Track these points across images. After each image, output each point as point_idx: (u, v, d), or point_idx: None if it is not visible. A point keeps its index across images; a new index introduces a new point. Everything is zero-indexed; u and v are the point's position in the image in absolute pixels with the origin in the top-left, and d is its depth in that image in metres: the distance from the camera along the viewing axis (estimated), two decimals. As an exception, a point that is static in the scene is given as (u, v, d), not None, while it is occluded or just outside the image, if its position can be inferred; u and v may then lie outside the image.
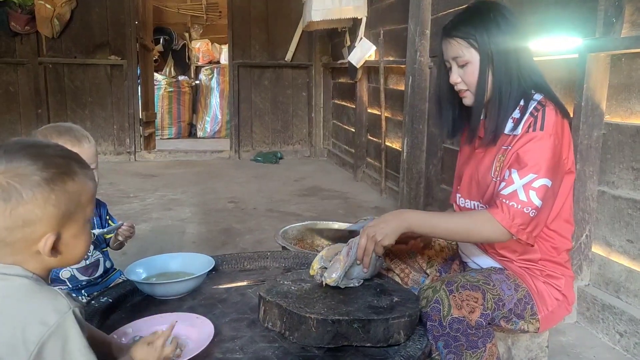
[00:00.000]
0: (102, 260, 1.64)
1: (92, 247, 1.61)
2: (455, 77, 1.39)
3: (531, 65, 1.39)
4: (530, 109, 1.33)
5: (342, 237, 1.48)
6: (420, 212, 1.47)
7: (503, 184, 1.30)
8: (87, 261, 1.59)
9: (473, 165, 1.49)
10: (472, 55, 1.35)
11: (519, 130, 1.33)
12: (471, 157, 1.51)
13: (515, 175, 1.28)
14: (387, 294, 1.28)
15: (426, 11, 3.45)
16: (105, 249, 1.68)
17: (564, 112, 1.35)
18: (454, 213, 1.49)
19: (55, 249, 0.85)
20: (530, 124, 1.31)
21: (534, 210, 1.25)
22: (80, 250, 0.90)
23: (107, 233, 1.66)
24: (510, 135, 1.36)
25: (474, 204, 1.48)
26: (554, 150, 1.28)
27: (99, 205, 1.71)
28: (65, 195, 0.84)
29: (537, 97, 1.35)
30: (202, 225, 3.57)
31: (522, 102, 1.35)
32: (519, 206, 1.25)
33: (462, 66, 1.37)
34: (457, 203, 1.54)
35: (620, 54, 2.00)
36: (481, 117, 1.45)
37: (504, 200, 1.27)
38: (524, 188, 1.26)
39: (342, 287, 1.28)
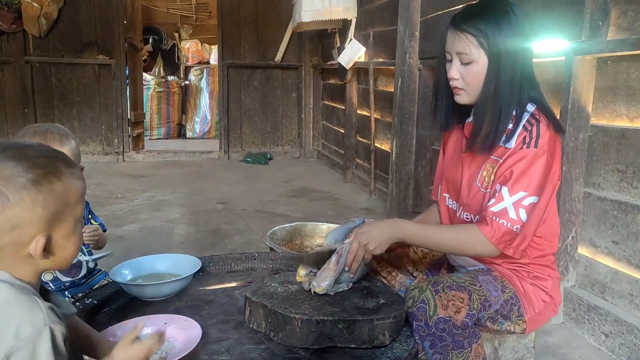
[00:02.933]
0: (84, 260, 1.62)
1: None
2: (454, 72, 1.33)
3: (531, 73, 1.34)
4: (524, 121, 1.29)
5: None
6: (413, 223, 1.42)
7: (493, 200, 1.28)
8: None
9: (460, 168, 1.47)
10: (479, 56, 1.28)
11: (512, 143, 1.30)
12: (457, 159, 1.49)
13: (505, 192, 1.27)
14: (374, 296, 1.28)
15: (415, 13, 3.46)
16: (88, 249, 1.66)
17: (557, 126, 1.31)
18: (446, 226, 1.46)
19: (46, 251, 0.84)
20: (524, 138, 1.28)
21: (520, 227, 1.26)
22: (71, 251, 0.89)
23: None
24: (501, 146, 1.32)
25: (457, 206, 1.49)
26: (545, 169, 1.27)
27: None
28: (53, 196, 0.83)
29: (530, 108, 1.31)
30: (191, 226, 3.55)
31: (514, 112, 1.31)
32: (509, 224, 1.25)
33: (465, 63, 1.31)
34: (446, 204, 1.54)
35: (606, 56, 2.02)
36: (469, 120, 1.44)
37: (493, 218, 1.26)
38: (514, 206, 1.25)
39: (332, 293, 1.28)
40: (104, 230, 1.72)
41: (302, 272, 1.30)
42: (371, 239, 1.30)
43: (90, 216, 1.69)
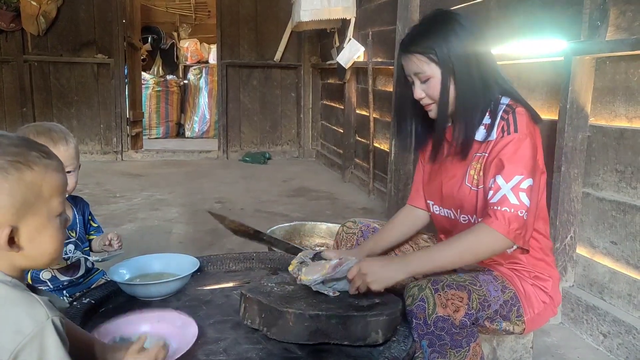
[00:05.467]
0: (83, 260, 1.62)
1: (72, 247, 1.59)
2: (419, 92, 1.38)
3: (495, 71, 1.38)
4: (500, 112, 1.33)
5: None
6: (420, 254, 1.40)
7: (491, 192, 1.28)
8: (68, 261, 1.57)
9: (442, 174, 1.47)
10: (433, 70, 1.34)
11: (494, 135, 1.33)
12: (439, 166, 1.49)
13: (500, 180, 1.27)
14: (370, 297, 1.28)
15: (414, 13, 3.45)
16: (87, 249, 1.66)
17: (534, 115, 1.35)
18: (452, 240, 1.36)
19: (15, 244, 0.81)
20: (502, 127, 1.31)
21: (526, 212, 1.25)
22: (49, 247, 0.85)
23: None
24: (484, 142, 1.35)
25: (448, 212, 1.48)
26: (532, 150, 1.29)
27: (82, 204, 1.69)
28: (22, 185, 0.80)
29: (505, 100, 1.36)
30: (189, 225, 3.54)
31: (490, 108, 1.35)
32: (512, 210, 1.24)
33: (424, 81, 1.36)
34: (432, 210, 1.54)
35: (605, 57, 2.02)
36: (448, 125, 1.45)
37: (495, 208, 1.25)
38: (513, 191, 1.25)
39: (314, 290, 1.27)
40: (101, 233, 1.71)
41: (295, 261, 1.30)
42: (376, 279, 1.27)
43: (90, 217, 1.69)
